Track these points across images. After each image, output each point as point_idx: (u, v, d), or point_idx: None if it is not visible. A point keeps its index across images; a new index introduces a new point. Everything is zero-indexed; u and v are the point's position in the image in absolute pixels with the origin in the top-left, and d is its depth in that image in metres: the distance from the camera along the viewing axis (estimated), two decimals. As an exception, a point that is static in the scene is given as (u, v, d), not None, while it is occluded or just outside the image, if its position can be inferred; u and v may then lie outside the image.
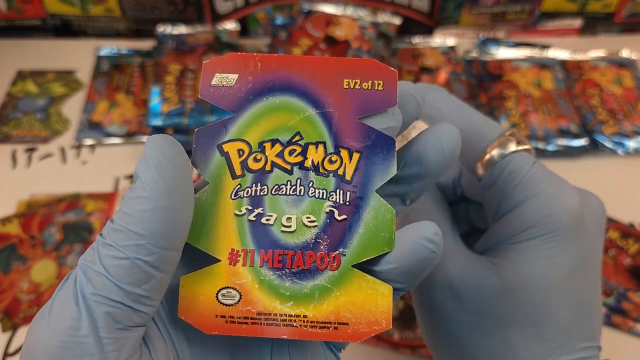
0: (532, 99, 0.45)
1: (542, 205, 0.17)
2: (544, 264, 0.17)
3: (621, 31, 0.53)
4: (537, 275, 0.17)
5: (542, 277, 0.17)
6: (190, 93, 0.39)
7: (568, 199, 0.17)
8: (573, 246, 0.17)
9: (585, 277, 0.17)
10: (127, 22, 0.49)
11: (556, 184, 0.18)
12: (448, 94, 0.20)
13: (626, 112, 0.44)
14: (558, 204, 0.17)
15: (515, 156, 0.18)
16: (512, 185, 0.18)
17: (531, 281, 0.17)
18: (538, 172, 0.18)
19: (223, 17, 0.48)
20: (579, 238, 0.17)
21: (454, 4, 0.49)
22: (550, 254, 0.17)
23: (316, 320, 0.14)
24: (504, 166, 0.18)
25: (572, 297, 0.17)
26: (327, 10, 0.45)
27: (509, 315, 0.17)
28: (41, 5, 0.48)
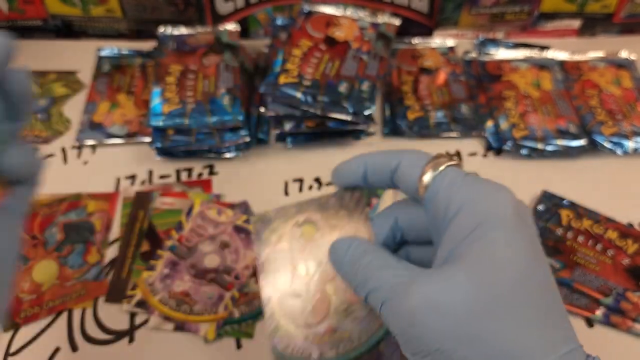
0: (531, 100, 0.45)
1: (484, 204, 0.18)
2: (503, 257, 0.17)
3: (620, 32, 0.53)
4: (499, 269, 0.17)
5: (505, 269, 0.17)
6: (191, 93, 0.39)
7: (505, 193, 0.19)
8: (524, 236, 0.18)
9: (544, 265, 0.18)
10: (128, 23, 0.49)
11: (490, 183, 0.19)
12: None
13: (625, 112, 0.44)
14: (498, 199, 0.18)
15: (448, 170, 0.20)
16: (452, 194, 0.19)
17: (496, 276, 0.17)
18: (470, 178, 0.20)
19: (223, 17, 0.48)
20: (526, 227, 0.18)
21: (453, 5, 0.49)
22: (504, 247, 0.17)
23: None
24: (440, 180, 0.20)
25: (541, 288, 0.17)
26: (327, 11, 0.45)
27: (488, 313, 0.17)
28: (42, 6, 0.48)
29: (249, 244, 0.36)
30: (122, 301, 0.33)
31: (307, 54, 0.41)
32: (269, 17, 0.50)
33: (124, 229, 0.36)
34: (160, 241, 0.36)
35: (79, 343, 0.31)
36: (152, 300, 0.33)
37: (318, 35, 0.43)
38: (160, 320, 0.32)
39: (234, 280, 0.34)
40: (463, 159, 0.42)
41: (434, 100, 0.45)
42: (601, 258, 0.35)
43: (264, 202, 0.39)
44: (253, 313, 0.32)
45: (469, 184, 0.19)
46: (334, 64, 0.41)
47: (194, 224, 0.36)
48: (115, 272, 0.34)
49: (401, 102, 0.45)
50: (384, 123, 0.45)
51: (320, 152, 0.42)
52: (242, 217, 0.37)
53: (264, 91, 0.39)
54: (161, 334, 0.32)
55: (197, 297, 0.33)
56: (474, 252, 0.18)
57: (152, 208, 0.37)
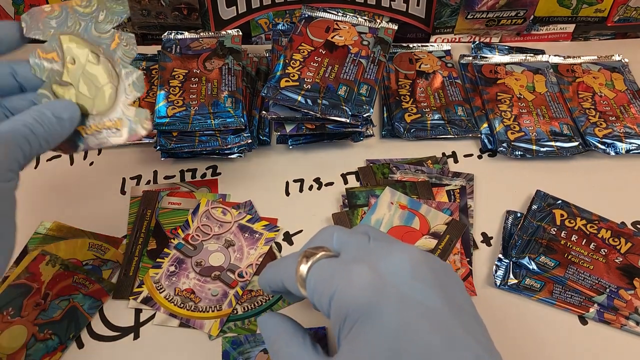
0: (525, 102, 0.46)
1: (340, 302, 0.20)
2: (367, 347, 0.18)
3: (613, 36, 0.54)
4: (369, 358, 0.18)
5: (375, 353, 0.18)
6: (195, 97, 0.40)
7: (355, 282, 0.20)
8: (383, 320, 0.18)
9: (418, 333, 0.18)
10: (133, 27, 0.50)
11: (345, 272, 0.20)
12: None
13: (618, 114, 0.45)
14: (349, 293, 0.19)
15: (314, 268, 0.21)
16: (319, 294, 0.21)
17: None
18: (326, 273, 0.21)
19: (226, 22, 0.49)
20: (385, 309, 0.18)
21: (449, 10, 0.50)
22: (367, 338, 0.18)
23: None
24: (309, 280, 0.22)
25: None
26: (327, 17, 0.46)
27: None
28: (49, 11, 0.49)
29: (253, 243, 0.36)
30: (129, 298, 0.34)
31: (308, 59, 0.42)
32: (270, 22, 0.51)
33: (131, 227, 0.37)
34: (167, 239, 0.36)
35: (85, 340, 0.32)
36: (158, 297, 0.33)
37: (318, 40, 0.44)
38: (166, 316, 0.33)
39: (237, 278, 0.34)
40: (459, 160, 0.43)
41: (431, 103, 0.46)
42: (594, 257, 0.36)
43: (265, 202, 0.40)
44: (256, 310, 0.33)
45: (338, 273, 0.20)
46: (333, 68, 0.42)
47: (199, 223, 0.37)
48: (123, 269, 0.35)
49: (399, 105, 0.46)
50: (382, 125, 0.46)
51: (320, 154, 0.43)
52: (247, 216, 0.38)
53: (265, 94, 0.40)
54: (166, 330, 0.33)
55: (202, 294, 0.34)
56: (344, 347, 0.19)
57: (159, 207, 0.38)
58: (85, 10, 0.27)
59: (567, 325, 0.33)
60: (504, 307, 0.34)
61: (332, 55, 0.43)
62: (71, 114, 0.25)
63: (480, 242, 0.38)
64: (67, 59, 0.27)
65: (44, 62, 0.27)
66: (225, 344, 0.31)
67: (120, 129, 0.26)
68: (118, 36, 0.27)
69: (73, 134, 0.27)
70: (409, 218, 0.37)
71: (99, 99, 0.27)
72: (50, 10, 0.27)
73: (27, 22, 0.27)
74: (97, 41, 0.27)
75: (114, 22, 0.27)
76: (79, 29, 0.27)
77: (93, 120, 0.27)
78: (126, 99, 0.26)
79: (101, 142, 0.27)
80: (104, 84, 0.26)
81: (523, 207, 0.40)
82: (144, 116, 0.26)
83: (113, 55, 0.27)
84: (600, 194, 0.41)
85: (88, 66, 0.27)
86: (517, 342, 0.32)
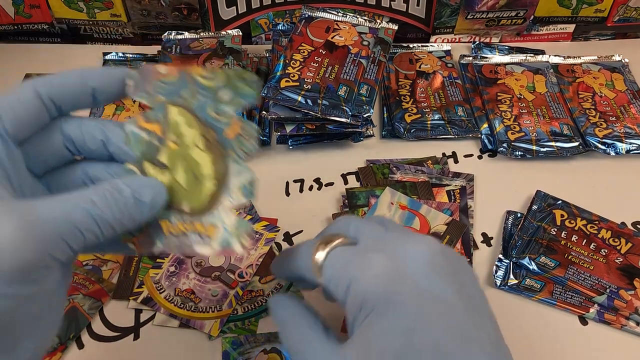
0: (525, 102, 0.46)
1: (357, 290, 0.20)
2: (380, 337, 0.18)
3: (613, 35, 0.54)
4: (382, 346, 0.18)
5: (386, 344, 0.18)
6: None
7: (373, 271, 0.19)
8: (398, 311, 0.18)
9: (433, 326, 0.18)
10: (133, 27, 0.50)
11: (362, 261, 0.20)
12: None
13: (618, 114, 0.45)
14: (366, 281, 0.19)
15: (331, 255, 0.21)
16: (340, 275, 0.21)
17: (378, 354, 0.18)
18: (357, 252, 0.21)
19: (226, 22, 0.49)
20: (401, 300, 0.19)
21: (449, 10, 0.50)
22: (381, 328, 0.18)
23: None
24: (326, 267, 0.21)
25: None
26: (327, 17, 0.46)
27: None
28: (48, 10, 0.49)
29: (253, 243, 0.36)
30: (129, 298, 0.34)
31: (308, 59, 0.42)
32: (270, 23, 0.51)
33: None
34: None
35: (85, 340, 0.32)
36: (158, 297, 0.33)
37: (318, 40, 0.44)
38: (166, 317, 0.33)
39: (237, 278, 0.34)
40: (459, 160, 0.43)
41: (431, 103, 0.46)
42: (595, 257, 0.36)
43: (265, 202, 0.39)
44: (256, 310, 0.33)
45: (355, 261, 0.20)
46: (333, 68, 0.42)
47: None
48: (123, 269, 0.35)
49: (399, 105, 0.46)
50: (382, 125, 0.46)
51: (320, 154, 0.43)
52: (247, 216, 0.38)
53: (265, 94, 0.40)
54: (166, 331, 0.33)
55: (202, 294, 0.34)
56: (358, 336, 0.19)
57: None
58: (208, 84, 0.21)
59: (568, 325, 0.33)
60: (504, 308, 0.34)
61: (332, 55, 0.43)
62: (155, 196, 0.20)
63: (480, 242, 0.38)
64: (170, 135, 0.21)
65: (142, 134, 0.22)
66: (226, 344, 0.31)
67: (211, 238, 0.21)
68: (238, 124, 0.21)
69: (152, 228, 0.21)
70: (409, 218, 0.37)
71: (196, 193, 0.21)
72: (166, 73, 0.22)
73: (136, 80, 0.22)
74: (212, 124, 0.21)
75: (238, 106, 0.21)
76: (195, 103, 0.21)
77: (181, 218, 0.21)
78: (229, 204, 0.21)
79: (185, 247, 0.21)
80: (207, 176, 0.21)
81: (523, 207, 0.40)
82: (244, 230, 0.20)
83: (226, 146, 0.21)
84: (601, 194, 0.41)
85: (193, 150, 0.21)
86: (517, 342, 0.32)
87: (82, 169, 0.22)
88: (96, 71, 0.21)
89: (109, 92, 0.21)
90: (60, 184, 0.21)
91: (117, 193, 0.18)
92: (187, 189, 0.21)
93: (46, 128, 0.20)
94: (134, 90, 0.22)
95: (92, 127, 0.21)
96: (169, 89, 0.22)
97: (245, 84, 0.21)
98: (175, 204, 0.21)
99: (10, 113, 0.19)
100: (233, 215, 0.21)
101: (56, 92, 0.20)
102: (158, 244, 0.21)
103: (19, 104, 0.19)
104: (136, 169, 0.21)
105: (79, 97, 0.20)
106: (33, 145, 0.20)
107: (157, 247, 0.21)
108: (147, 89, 0.22)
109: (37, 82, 0.20)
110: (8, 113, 0.19)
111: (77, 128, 0.21)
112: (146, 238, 0.21)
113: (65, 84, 0.20)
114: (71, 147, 0.21)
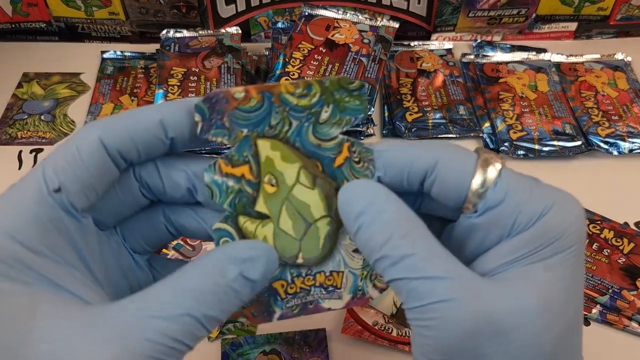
0: (527, 101, 0.45)
1: (557, 219, 0.16)
2: (570, 277, 0.16)
3: (616, 34, 0.54)
4: (568, 300, 0.16)
5: (570, 301, 0.16)
6: (194, 95, 0.40)
7: (577, 210, 0.16)
8: (581, 258, 0.16)
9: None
10: (131, 26, 0.50)
11: (554, 191, 0.17)
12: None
13: (621, 113, 0.45)
14: (570, 215, 0.16)
15: (503, 174, 0.16)
16: (520, 204, 0.16)
17: (565, 307, 0.16)
18: (531, 182, 0.17)
19: (225, 21, 0.49)
20: (582, 250, 0.17)
21: (451, 8, 0.50)
22: (573, 269, 0.16)
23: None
24: (501, 188, 0.16)
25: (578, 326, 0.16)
26: (327, 15, 0.46)
27: (553, 348, 0.15)
28: (46, 8, 0.49)
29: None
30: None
31: (308, 57, 0.42)
32: (269, 21, 0.50)
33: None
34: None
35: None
36: (156, 298, 0.33)
37: (318, 38, 0.43)
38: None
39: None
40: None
41: (432, 101, 0.46)
42: (597, 257, 0.35)
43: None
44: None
45: (536, 191, 0.16)
46: (334, 67, 0.41)
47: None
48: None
49: (400, 103, 0.46)
50: (382, 124, 0.45)
51: (320, 153, 0.43)
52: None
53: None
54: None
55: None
56: (546, 274, 0.15)
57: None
58: (301, 103, 0.17)
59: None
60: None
61: (333, 53, 0.42)
62: (267, 269, 0.16)
63: (481, 242, 0.37)
64: (265, 178, 0.17)
65: (229, 181, 0.17)
66: (225, 345, 0.31)
67: (339, 288, 0.18)
68: (347, 147, 0.17)
69: (265, 293, 0.18)
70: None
71: (310, 240, 0.18)
72: (244, 98, 0.17)
73: (204, 114, 0.16)
74: (315, 152, 0.17)
75: (345, 124, 0.17)
76: (288, 131, 0.17)
77: (298, 273, 0.18)
78: (350, 243, 0.18)
79: (309, 306, 0.18)
80: (319, 218, 0.18)
81: (525, 207, 0.40)
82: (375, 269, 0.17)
83: (336, 175, 0.17)
84: (603, 194, 0.40)
85: (297, 190, 0.17)
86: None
87: (164, 214, 0.18)
88: (169, 109, 0.16)
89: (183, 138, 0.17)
90: (136, 232, 0.18)
91: (221, 277, 0.15)
92: (297, 237, 0.18)
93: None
94: (202, 128, 0.16)
95: (175, 171, 0.17)
96: (253, 118, 0.17)
97: (348, 95, 0.17)
98: (288, 259, 0.18)
99: (76, 181, 0.15)
100: (359, 255, 0.18)
101: (126, 146, 0.16)
102: (276, 311, 0.18)
103: (83, 167, 0.15)
104: (229, 228, 0.17)
105: (153, 147, 0.16)
106: (102, 199, 0.16)
107: (275, 314, 0.18)
108: (223, 122, 0.17)
109: (101, 130, 0.15)
110: (73, 182, 0.15)
111: (154, 172, 0.17)
112: (260, 307, 0.18)
113: (136, 133, 0.16)
114: (148, 195, 0.17)
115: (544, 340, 0.15)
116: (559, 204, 0.16)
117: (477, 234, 0.17)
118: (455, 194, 0.16)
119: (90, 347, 0.13)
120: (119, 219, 0.18)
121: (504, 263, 0.16)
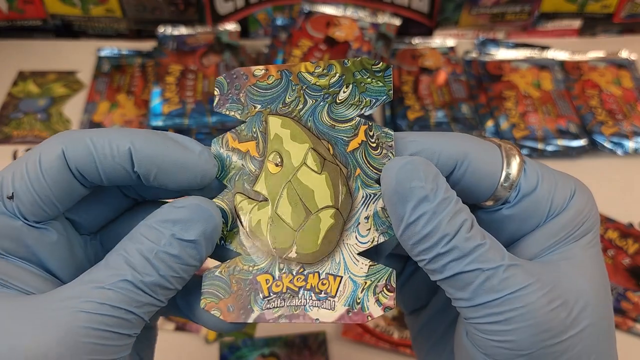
0: (531, 100, 0.45)
1: (583, 201, 0.16)
2: (599, 254, 0.16)
3: (620, 32, 0.53)
4: (600, 264, 0.16)
5: (602, 263, 0.16)
6: (191, 93, 0.39)
7: (589, 191, 0.17)
8: (598, 237, 0.17)
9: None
10: (128, 23, 0.49)
11: (566, 179, 0.17)
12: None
13: (625, 112, 0.44)
14: (591, 199, 0.16)
15: (528, 163, 0.16)
16: (550, 192, 0.16)
17: (601, 270, 0.16)
18: (552, 171, 0.17)
19: (223, 17, 0.48)
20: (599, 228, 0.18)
21: (453, 5, 0.49)
22: (599, 247, 0.17)
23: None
24: (532, 176, 0.16)
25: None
26: (327, 11, 0.45)
27: (596, 330, 0.15)
28: (42, 6, 0.48)
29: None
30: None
31: (308, 54, 0.41)
32: (269, 17, 0.50)
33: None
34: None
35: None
36: (153, 301, 0.33)
37: (318, 35, 0.43)
38: (161, 320, 0.32)
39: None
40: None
41: (435, 100, 0.45)
42: (601, 258, 0.35)
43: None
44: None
45: (558, 176, 0.16)
46: (334, 64, 0.41)
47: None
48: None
49: (402, 102, 0.45)
50: (384, 123, 0.45)
51: (320, 152, 0.42)
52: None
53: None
54: (161, 335, 0.32)
55: (198, 297, 0.33)
56: (584, 254, 0.15)
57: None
58: (320, 82, 0.16)
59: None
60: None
61: (333, 51, 0.42)
62: (206, 226, 0.14)
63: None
64: (270, 156, 0.16)
65: (233, 156, 0.16)
66: (223, 348, 0.31)
67: (334, 296, 0.15)
68: (365, 130, 0.16)
69: (246, 286, 0.15)
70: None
71: (308, 232, 0.15)
72: (263, 75, 0.16)
73: (223, 89, 0.17)
74: (328, 133, 0.16)
75: (364, 106, 0.16)
76: (302, 109, 0.16)
77: (287, 269, 0.15)
78: (357, 244, 0.15)
79: (294, 312, 0.15)
80: (322, 208, 0.15)
81: (528, 207, 0.39)
82: (384, 279, 0.15)
83: (349, 162, 0.16)
84: (608, 194, 0.40)
85: (303, 173, 0.16)
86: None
87: (145, 214, 0.16)
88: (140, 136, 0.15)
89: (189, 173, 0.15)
90: (117, 238, 0.16)
91: (154, 244, 0.14)
92: (294, 227, 0.15)
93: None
94: (219, 101, 0.16)
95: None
96: (268, 95, 0.16)
97: (371, 76, 0.16)
98: (277, 250, 0.15)
99: (29, 192, 0.14)
100: (365, 260, 0.15)
101: (91, 169, 0.14)
102: (254, 309, 0.15)
103: (38, 179, 0.14)
104: (225, 207, 0.16)
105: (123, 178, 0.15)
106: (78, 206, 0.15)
107: (253, 314, 0.15)
108: (239, 97, 0.16)
109: (67, 141, 0.14)
110: (26, 192, 0.14)
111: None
112: (237, 301, 0.15)
113: (105, 161, 0.14)
114: (130, 193, 0.17)
115: (602, 316, 0.15)
116: (579, 187, 0.17)
117: (511, 224, 0.16)
118: (487, 186, 0.16)
119: (28, 328, 0.13)
120: (102, 222, 0.17)
121: (547, 247, 0.16)
